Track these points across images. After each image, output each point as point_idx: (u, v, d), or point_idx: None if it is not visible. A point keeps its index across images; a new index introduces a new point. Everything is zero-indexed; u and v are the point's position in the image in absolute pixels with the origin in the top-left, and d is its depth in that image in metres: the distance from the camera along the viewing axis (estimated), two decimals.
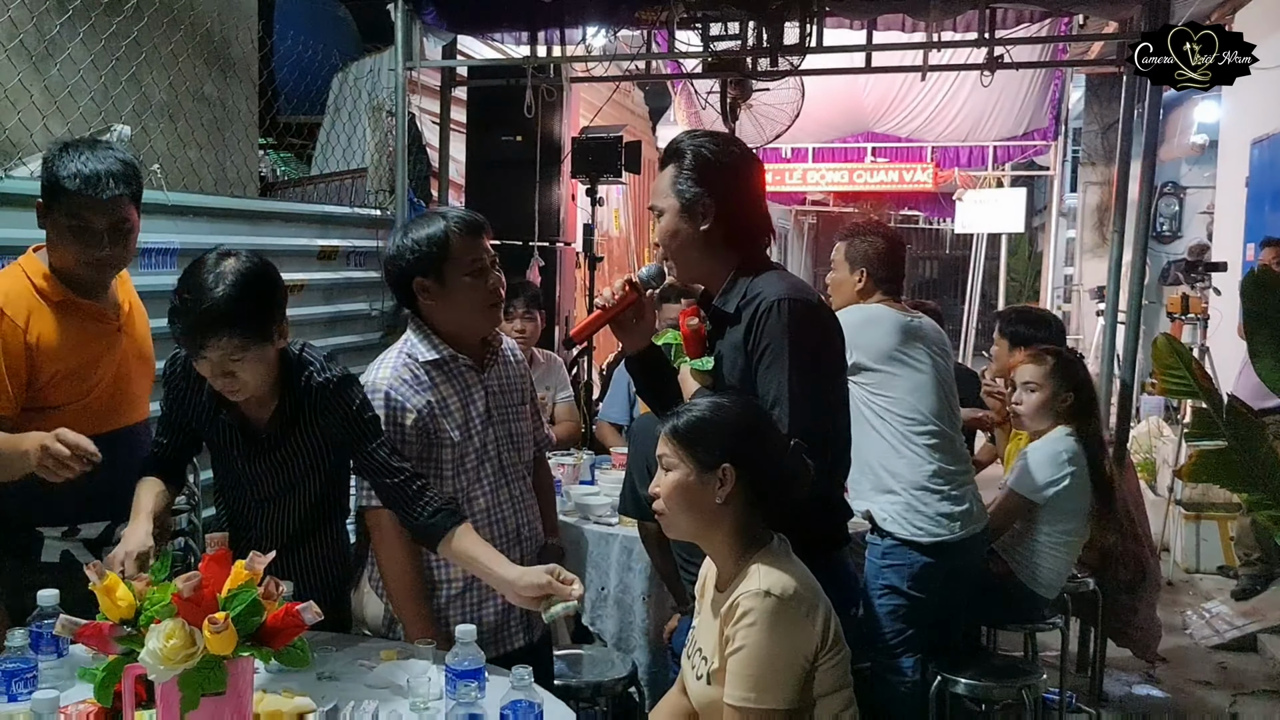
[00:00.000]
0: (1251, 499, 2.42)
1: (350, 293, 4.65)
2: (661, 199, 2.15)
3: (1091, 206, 10.79)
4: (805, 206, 16.08)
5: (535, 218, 5.40)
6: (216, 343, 2.00)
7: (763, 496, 1.85)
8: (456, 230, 2.18)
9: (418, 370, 2.19)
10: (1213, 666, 4.61)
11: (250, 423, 2.20)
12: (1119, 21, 5.30)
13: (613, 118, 7.37)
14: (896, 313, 3.14)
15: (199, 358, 2.05)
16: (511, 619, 2.29)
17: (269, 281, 2.11)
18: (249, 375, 2.07)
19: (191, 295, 2.02)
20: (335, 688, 1.93)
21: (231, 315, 1.99)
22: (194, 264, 2.09)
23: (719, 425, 1.84)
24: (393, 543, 2.17)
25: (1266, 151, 6.53)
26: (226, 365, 2.04)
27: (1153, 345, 2.44)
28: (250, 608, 1.54)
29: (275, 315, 2.11)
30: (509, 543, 2.27)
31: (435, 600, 2.23)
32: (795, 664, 1.76)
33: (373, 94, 5.61)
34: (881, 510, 3.03)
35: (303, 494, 2.27)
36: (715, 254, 2.14)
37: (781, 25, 4.35)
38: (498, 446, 2.27)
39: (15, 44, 3.52)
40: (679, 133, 2.23)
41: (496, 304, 2.24)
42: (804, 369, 2.02)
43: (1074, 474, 3.33)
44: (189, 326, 2.01)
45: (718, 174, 2.12)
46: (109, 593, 1.59)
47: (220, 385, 2.09)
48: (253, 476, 2.24)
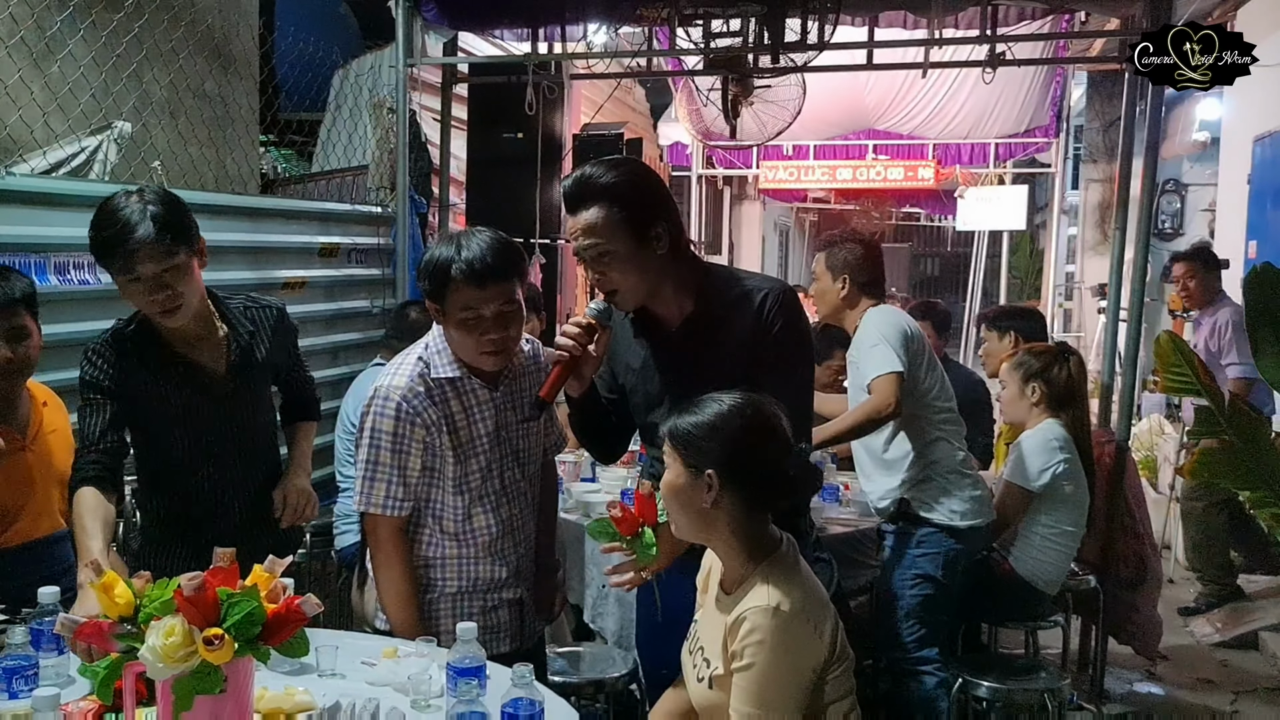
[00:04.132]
0: (1254, 496, 2.43)
1: (351, 290, 4.65)
2: (605, 237, 2.07)
3: (1093, 204, 10.79)
4: (806, 204, 16.08)
5: (536, 215, 5.39)
6: (149, 253, 2.14)
7: (754, 504, 1.83)
8: (459, 275, 2.05)
9: (430, 384, 2.16)
10: (1214, 664, 4.61)
11: (207, 374, 2.33)
12: (1121, 19, 5.28)
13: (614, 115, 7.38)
14: (904, 312, 3.30)
15: (132, 277, 2.17)
16: (500, 622, 2.28)
17: (177, 198, 2.27)
18: (184, 287, 2.20)
19: (113, 220, 2.16)
20: (337, 685, 1.93)
21: (154, 220, 2.14)
22: (102, 206, 2.21)
23: (711, 431, 1.81)
24: (389, 550, 2.17)
25: (1268, 149, 6.52)
26: (162, 278, 2.17)
27: (1155, 343, 2.45)
28: (250, 616, 1.53)
29: (193, 225, 2.26)
30: (505, 559, 2.26)
31: (426, 599, 2.22)
32: (802, 679, 1.76)
33: (374, 91, 5.61)
34: (919, 498, 3.11)
35: (261, 446, 2.45)
36: (668, 271, 2.14)
37: (783, 22, 4.34)
38: (501, 466, 2.25)
39: (16, 40, 3.52)
40: (576, 173, 2.16)
41: (493, 354, 2.14)
42: (808, 358, 2.15)
43: (1066, 460, 3.37)
44: (117, 241, 2.14)
45: (656, 197, 2.14)
46: (107, 590, 1.58)
47: (159, 303, 2.19)
48: (214, 436, 2.35)
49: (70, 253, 3.13)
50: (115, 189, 3.44)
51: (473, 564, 2.23)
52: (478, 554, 2.23)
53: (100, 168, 3.70)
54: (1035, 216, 13.80)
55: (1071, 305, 11.60)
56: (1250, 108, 6.80)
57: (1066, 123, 11.07)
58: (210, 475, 2.38)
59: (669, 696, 2.06)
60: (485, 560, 2.24)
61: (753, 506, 1.83)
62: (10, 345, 2.34)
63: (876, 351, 3.06)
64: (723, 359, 2.12)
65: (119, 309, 2.76)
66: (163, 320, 2.24)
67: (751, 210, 15.06)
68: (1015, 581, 3.39)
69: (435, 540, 2.22)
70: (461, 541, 2.22)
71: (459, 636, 1.85)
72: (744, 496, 1.81)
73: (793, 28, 4.39)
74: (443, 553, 2.22)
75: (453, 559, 2.22)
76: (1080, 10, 5.15)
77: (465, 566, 2.23)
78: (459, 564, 2.23)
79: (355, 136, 5.65)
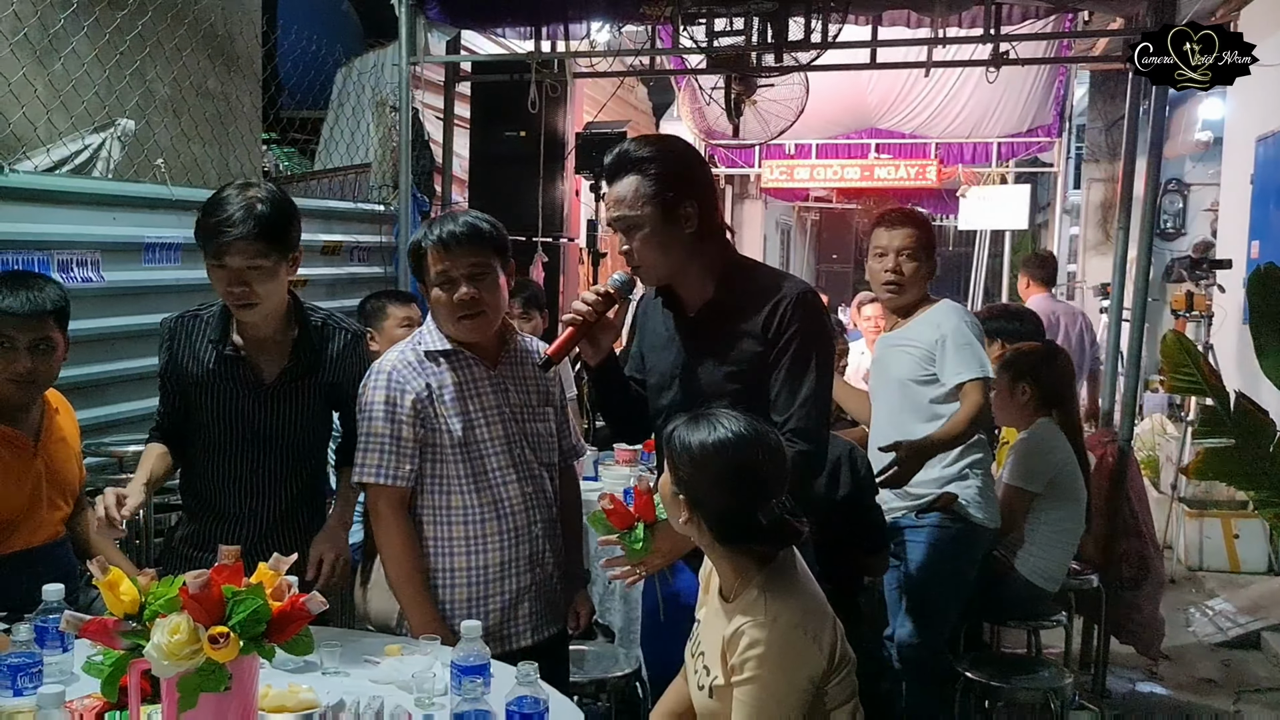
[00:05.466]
0: (1258, 496, 2.43)
1: (353, 288, 4.65)
2: (636, 209, 2.11)
3: (1095, 203, 10.76)
4: (808, 203, 16.07)
5: (539, 213, 5.39)
6: (241, 245, 2.17)
7: (722, 540, 1.81)
8: (433, 242, 2.19)
9: (421, 356, 2.23)
10: (1216, 664, 4.60)
11: (260, 374, 2.34)
12: (1124, 18, 5.28)
13: (617, 113, 7.38)
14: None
15: (220, 264, 2.20)
16: (519, 615, 2.27)
17: (289, 204, 2.31)
18: (263, 289, 2.23)
19: (220, 209, 2.20)
20: (340, 683, 1.93)
21: (256, 220, 2.18)
22: (217, 192, 2.27)
23: (694, 458, 1.79)
24: (389, 523, 2.19)
25: (1271, 148, 6.51)
26: (244, 274, 2.20)
27: (1161, 343, 2.44)
28: (255, 614, 1.53)
29: (293, 234, 2.30)
30: (517, 538, 2.25)
31: (437, 594, 2.22)
32: (802, 692, 1.75)
33: (376, 89, 5.61)
34: (963, 494, 3.05)
35: (302, 449, 2.41)
36: (696, 255, 2.15)
37: (786, 21, 4.34)
38: (507, 442, 2.25)
39: (19, 38, 3.52)
40: (625, 144, 2.21)
41: (466, 316, 2.20)
42: (826, 368, 2.11)
43: (1063, 458, 3.38)
44: (215, 230, 2.18)
45: (691, 176, 2.16)
46: (113, 587, 1.58)
47: (235, 296, 2.22)
48: (252, 436, 2.35)
49: (74, 250, 3.13)
50: (118, 186, 3.47)
51: (479, 542, 2.21)
52: (484, 531, 2.21)
53: (103, 165, 3.71)
54: (1037, 216, 13.77)
55: (1073, 305, 11.57)
56: (1253, 107, 6.79)
57: (1069, 122, 11.05)
58: (241, 476, 2.36)
59: (670, 694, 2.06)
60: (494, 539, 2.22)
61: (722, 541, 1.82)
62: (33, 357, 2.29)
63: (970, 353, 2.96)
64: (732, 350, 2.13)
65: (122, 306, 2.78)
66: (237, 313, 2.30)
67: (753, 209, 15.03)
68: (1018, 580, 3.39)
69: (440, 518, 2.21)
70: (467, 518, 2.20)
71: (463, 634, 1.85)
72: (711, 529, 1.81)
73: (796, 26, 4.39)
74: (449, 532, 2.20)
75: (460, 539, 2.20)
76: (1084, 9, 5.15)
77: (473, 546, 2.21)
78: (466, 544, 2.21)
79: (358, 134, 5.65)
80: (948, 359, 2.97)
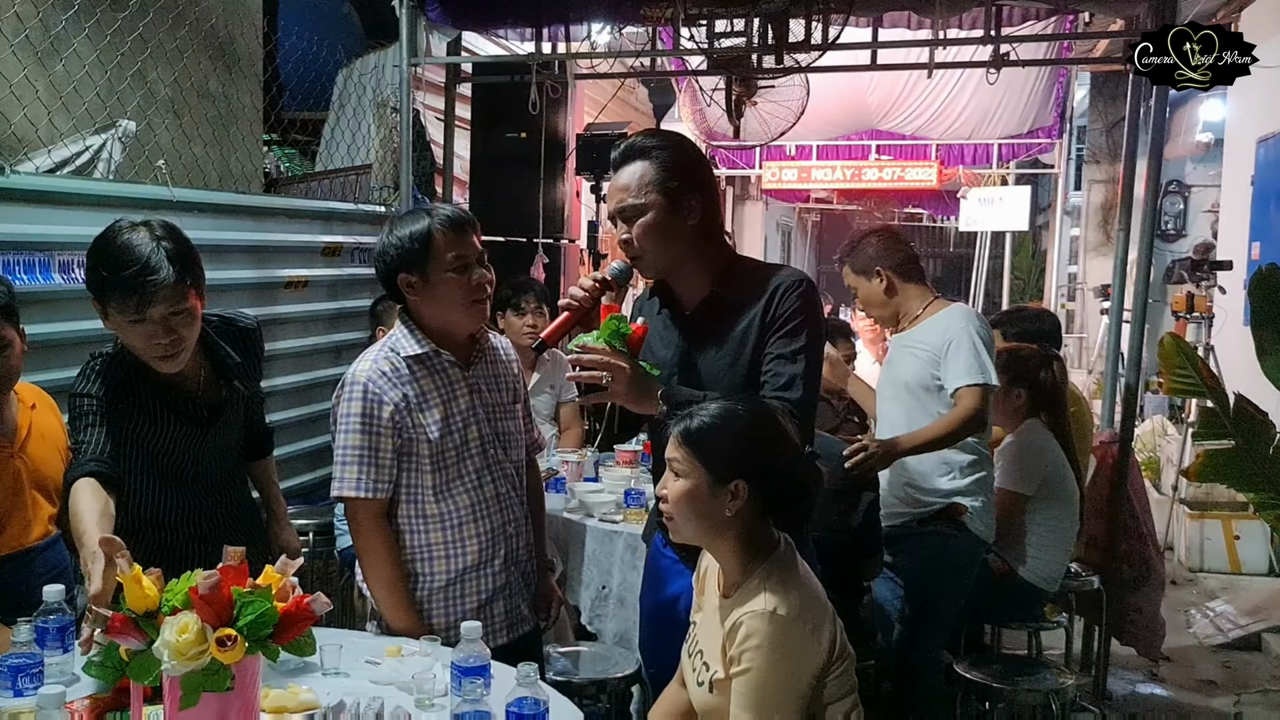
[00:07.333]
0: (1259, 498, 2.43)
1: (354, 289, 4.65)
2: (640, 196, 2.11)
3: (1096, 205, 10.77)
4: (809, 204, 16.08)
5: (539, 214, 5.39)
6: (166, 292, 2.09)
7: (774, 508, 1.83)
8: (440, 227, 2.17)
9: (398, 363, 2.19)
10: (1217, 666, 4.60)
11: (188, 396, 2.28)
12: (1125, 19, 5.28)
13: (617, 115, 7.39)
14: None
15: (142, 320, 2.11)
16: (494, 615, 2.27)
17: (183, 234, 2.21)
18: (188, 331, 2.17)
19: (131, 258, 2.08)
20: (341, 684, 1.93)
21: (173, 260, 2.10)
22: (104, 238, 2.15)
23: (734, 437, 1.80)
24: (369, 534, 2.18)
25: (1272, 150, 6.51)
26: (170, 322, 2.13)
27: (1160, 345, 2.45)
28: (263, 617, 1.53)
29: (201, 266, 2.22)
30: (493, 539, 2.26)
31: (416, 594, 2.22)
32: (800, 684, 1.76)
33: (377, 90, 5.61)
34: (971, 506, 3.07)
35: (237, 470, 2.40)
36: (695, 250, 2.16)
37: (787, 23, 4.34)
38: (481, 444, 2.26)
39: (21, 39, 3.52)
40: (635, 134, 2.23)
41: (480, 300, 2.22)
42: (817, 349, 2.12)
43: (1054, 458, 3.40)
44: (134, 279, 2.07)
45: (697, 170, 2.17)
46: (136, 582, 1.58)
47: (162, 347, 2.15)
48: (196, 462, 2.31)
49: (74, 251, 3.13)
50: (119, 188, 3.47)
51: (458, 546, 2.21)
52: (462, 535, 2.21)
53: (105, 166, 3.71)
54: (1038, 217, 13.78)
55: (1074, 306, 11.57)
56: (1254, 109, 6.79)
57: (1069, 123, 11.05)
58: (184, 503, 2.32)
59: (667, 696, 2.06)
60: (472, 542, 2.22)
61: (768, 513, 1.83)
62: None
63: (972, 358, 2.96)
64: (727, 349, 2.13)
65: None
66: (160, 365, 2.19)
67: (754, 210, 15.05)
68: (1016, 582, 3.40)
69: (418, 527, 2.21)
70: (445, 523, 2.21)
71: (463, 635, 1.85)
72: (763, 505, 1.81)
73: (796, 27, 4.39)
74: (427, 539, 2.21)
75: (439, 544, 2.21)
76: (1085, 11, 5.15)
77: (451, 550, 2.21)
78: (445, 549, 2.21)
79: (358, 136, 5.65)
80: (949, 363, 3.00)
